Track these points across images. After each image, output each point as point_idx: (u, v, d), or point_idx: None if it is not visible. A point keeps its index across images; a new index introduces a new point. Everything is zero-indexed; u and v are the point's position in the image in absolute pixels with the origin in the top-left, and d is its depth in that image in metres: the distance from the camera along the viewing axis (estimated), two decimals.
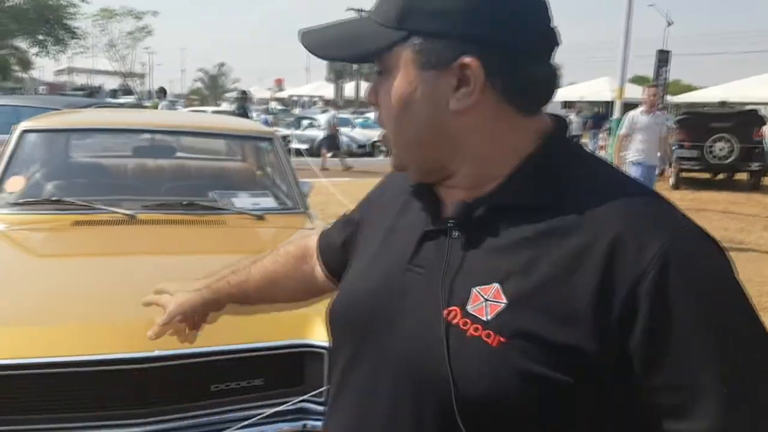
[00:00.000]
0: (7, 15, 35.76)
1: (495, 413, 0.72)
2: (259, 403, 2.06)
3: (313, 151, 16.78)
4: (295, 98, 56.15)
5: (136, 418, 1.93)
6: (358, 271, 0.94)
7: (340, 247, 1.11)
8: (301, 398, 2.05)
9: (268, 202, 3.37)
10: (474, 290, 0.75)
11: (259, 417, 1.96)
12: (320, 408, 2.07)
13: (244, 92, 16.31)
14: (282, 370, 2.10)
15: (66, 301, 2.15)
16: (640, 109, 7.62)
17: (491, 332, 0.72)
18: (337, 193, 7.14)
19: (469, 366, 0.72)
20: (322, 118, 18.41)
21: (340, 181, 10.55)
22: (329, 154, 15.90)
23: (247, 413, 2.04)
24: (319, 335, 2.05)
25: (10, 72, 40.95)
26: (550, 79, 0.80)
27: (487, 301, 0.74)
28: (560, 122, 0.84)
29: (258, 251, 2.91)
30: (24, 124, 3.25)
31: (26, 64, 42.78)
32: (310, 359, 2.07)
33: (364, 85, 47.43)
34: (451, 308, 0.76)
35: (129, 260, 2.59)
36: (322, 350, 2.04)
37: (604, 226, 0.72)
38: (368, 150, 19.80)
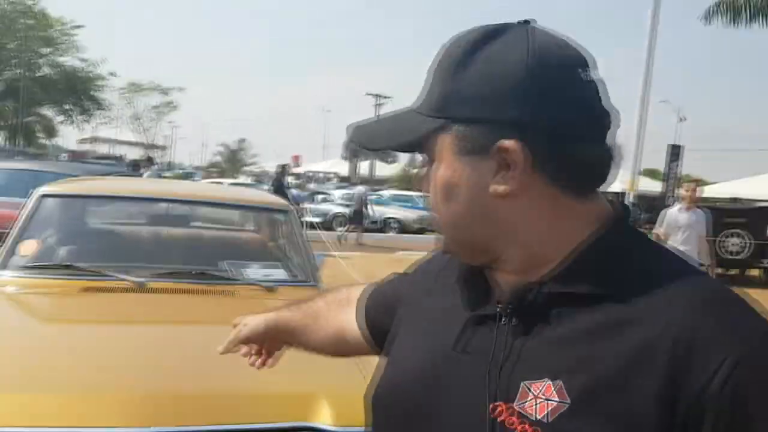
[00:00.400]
0: (37, 84, 37.11)
1: None
2: None
3: (327, 225, 16.94)
4: (310, 173, 57.03)
5: None
6: (401, 353, 0.89)
7: (384, 312, 1.05)
8: None
9: (280, 273, 3.33)
10: (523, 384, 0.70)
11: None
12: None
13: (283, 166, 16.34)
14: None
15: (69, 369, 2.09)
16: (678, 206, 7.35)
17: None
18: (348, 268, 7.11)
19: None
20: (337, 194, 18.63)
21: (353, 255, 10.54)
22: (348, 228, 16.30)
23: None
24: (324, 418, 1.97)
25: (34, 138, 42.08)
26: (604, 161, 0.76)
27: (537, 398, 0.68)
28: (620, 206, 0.80)
29: None
30: (42, 189, 3.28)
31: (51, 132, 44.03)
32: None
33: (379, 164, 48.33)
34: (497, 403, 0.70)
35: (134, 329, 2.54)
36: None
37: (668, 322, 0.67)
38: (380, 226, 19.90)
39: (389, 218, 20.75)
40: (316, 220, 16.47)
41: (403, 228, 20.64)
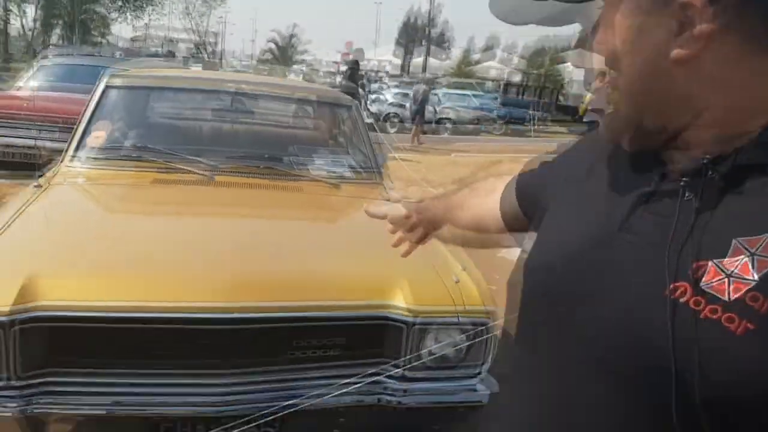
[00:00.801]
0: None
1: (724, 416, 0.60)
2: (336, 373, 2.02)
3: (381, 126, 16.65)
4: (362, 73, 55.79)
5: (211, 377, 1.91)
6: (555, 235, 0.82)
7: (531, 198, 0.99)
8: (378, 370, 1.99)
9: (345, 170, 3.31)
10: (711, 263, 0.62)
11: (335, 386, 1.91)
12: (396, 384, 2.01)
13: (356, 62, 14.77)
14: (362, 339, 2.05)
15: (155, 252, 2.16)
16: None
17: (735, 316, 0.59)
18: (406, 167, 7.05)
19: (700, 355, 0.60)
20: (387, 95, 18.19)
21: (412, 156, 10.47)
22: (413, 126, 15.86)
23: (321, 381, 2.00)
24: (397, 307, 1.99)
25: (89, 36, 42.35)
26: None
27: (730, 276, 0.60)
28: None
29: (332, 219, 2.93)
30: (107, 80, 3.27)
31: (105, 28, 44.20)
32: (389, 331, 2.01)
33: (431, 60, 46.85)
34: (678, 283, 0.63)
35: (209, 218, 2.59)
36: (402, 325, 1.97)
37: None
38: (433, 126, 19.52)
39: (442, 118, 20.35)
40: (367, 121, 16.17)
41: (457, 127, 20.27)
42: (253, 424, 1.92)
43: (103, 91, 3.20)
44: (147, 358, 1.90)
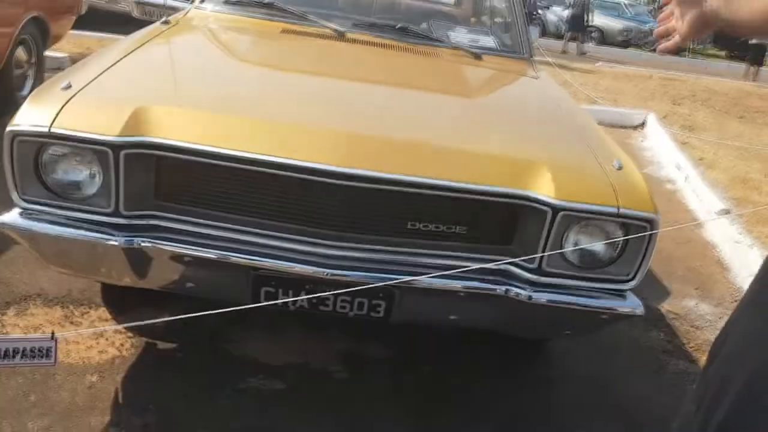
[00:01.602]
0: None
1: None
2: (458, 254, 1.76)
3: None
4: None
5: (319, 237, 1.71)
6: None
7: None
8: (510, 260, 1.71)
9: (488, 41, 2.93)
10: None
11: (459, 270, 1.64)
12: (529, 275, 1.72)
13: None
14: (491, 223, 1.77)
15: (277, 101, 1.93)
16: None
17: None
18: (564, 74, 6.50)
19: None
20: None
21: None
22: (569, 37, 14.74)
23: (442, 261, 1.75)
24: (542, 188, 1.66)
25: None
26: None
27: None
28: None
29: (459, 89, 2.59)
30: None
31: None
32: (526, 216, 1.71)
33: None
34: None
35: (338, 74, 2.32)
36: (545, 208, 1.65)
37: None
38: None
39: (589, 26, 18.80)
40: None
41: (605, 39, 18.76)
42: (363, 292, 1.73)
43: None
44: (255, 209, 1.72)
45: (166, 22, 2.56)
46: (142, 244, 1.68)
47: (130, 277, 1.81)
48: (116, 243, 1.67)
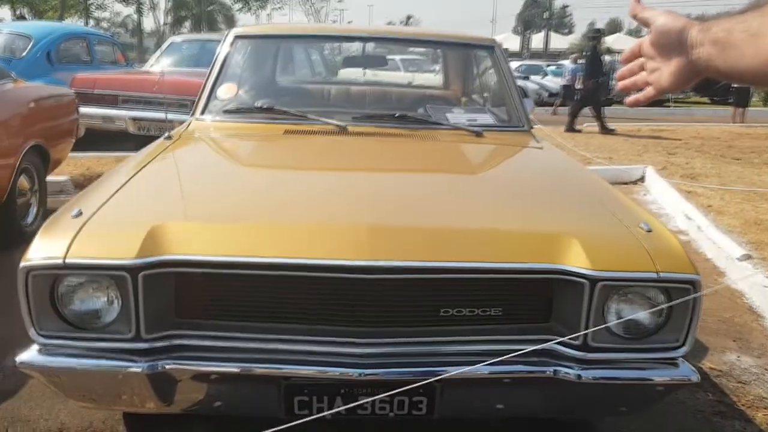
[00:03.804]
0: None
1: None
2: (496, 338, 1.68)
3: None
4: None
5: (349, 336, 1.64)
6: None
7: None
8: (558, 339, 1.62)
9: (486, 118, 2.95)
10: None
11: (511, 355, 1.56)
12: (575, 353, 1.63)
13: (598, 30, 13.65)
14: (526, 301, 1.70)
15: (293, 203, 1.90)
16: None
17: None
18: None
19: None
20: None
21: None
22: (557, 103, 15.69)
23: (481, 348, 1.67)
24: (576, 260, 1.60)
25: (216, 26, 44.44)
26: None
27: None
28: None
29: (469, 169, 2.58)
30: (236, 30, 3.11)
31: (230, 20, 46.22)
32: (563, 291, 1.64)
33: (554, 36, 44.86)
34: None
35: (347, 169, 2.30)
36: (582, 280, 1.59)
37: None
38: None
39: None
40: None
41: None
42: (402, 391, 1.64)
43: (233, 41, 3.03)
44: (281, 315, 1.66)
45: (168, 138, 2.57)
46: (167, 367, 1.61)
47: (154, 403, 1.72)
48: (139, 370, 1.60)
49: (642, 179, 7.20)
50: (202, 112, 2.85)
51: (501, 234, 1.71)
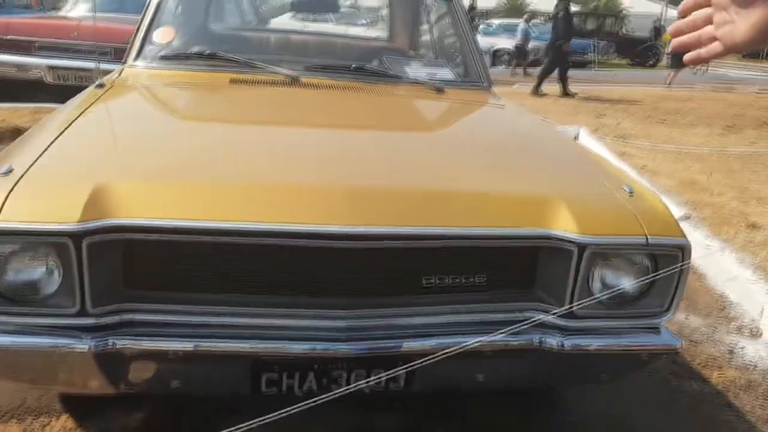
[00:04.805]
0: None
1: None
2: (479, 306, 1.59)
3: None
4: None
5: (323, 308, 1.51)
6: None
7: None
8: (554, 311, 1.55)
9: (446, 73, 2.81)
10: None
11: (494, 335, 1.47)
12: (558, 321, 1.56)
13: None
14: (511, 268, 1.60)
15: (246, 162, 1.70)
16: None
17: None
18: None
19: None
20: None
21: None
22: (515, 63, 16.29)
23: (461, 318, 1.58)
24: (564, 225, 1.52)
25: None
26: None
27: None
28: None
29: (438, 126, 2.45)
30: None
31: None
32: (548, 257, 1.55)
33: None
34: None
35: (302, 125, 2.11)
36: (571, 246, 1.51)
37: None
38: (490, 58, 18.65)
39: (498, 49, 19.36)
40: None
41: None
42: (379, 365, 1.53)
43: None
44: (244, 284, 1.50)
45: (100, 86, 2.30)
46: (117, 345, 1.43)
47: (100, 384, 1.54)
48: (85, 348, 1.41)
49: (576, 139, 7.30)
50: (136, 58, 2.58)
51: (485, 197, 1.60)
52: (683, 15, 0.93)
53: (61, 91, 6.54)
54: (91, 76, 6.53)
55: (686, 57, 0.96)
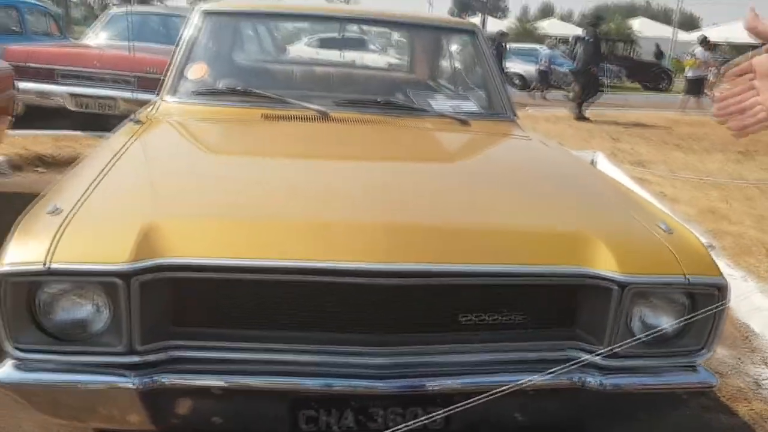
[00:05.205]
0: None
1: None
2: (518, 344, 1.60)
3: None
4: None
5: (362, 344, 1.52)
6: None
7: None
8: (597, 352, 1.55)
9: (470, 105, 2.85)
10: None
11: (537, 377, 1.48)
12: (599, 360, 1.57)
13: (599, 16, 14.62)
14: (550, 306, 1.61)
15: (286, 198, 1.74)
16: None
17: None
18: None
19: None
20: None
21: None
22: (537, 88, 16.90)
23: (500, 356, 1.59)
24: (604, 263, 1.53)
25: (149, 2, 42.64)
26: None
27: None
28: None
29: (468, 160, 2.48)
30: (204, 6, 2.89)
31: None
32: (588, 295, 1.56)
33: (490, 20, 45.12)
34: None
35: (341, 161, 2.15)
36: (611, 285, 1.52)
37: None
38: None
39: (506, 73, 19.49)
40: None
41: (527, 85, 19.44)
42: (416, 403, 1.54)
43: (202, 17, 2.81)
44: (284, 321, 1.52)
45: (137, 122, 2.35)
46: (163, 381, 1.45)
47: (140, 420, 1.55)
48: (131, 385, 1.43)
49: (593, 164, 7.31)
50: (170, 93, 2.64)
51: (522, 234, 1.62)
52: (728, 81, 0.95)
53: (82, 117, 6.66)
54: (114, 104, 6.65)
55: (731, 124, 0.97)
